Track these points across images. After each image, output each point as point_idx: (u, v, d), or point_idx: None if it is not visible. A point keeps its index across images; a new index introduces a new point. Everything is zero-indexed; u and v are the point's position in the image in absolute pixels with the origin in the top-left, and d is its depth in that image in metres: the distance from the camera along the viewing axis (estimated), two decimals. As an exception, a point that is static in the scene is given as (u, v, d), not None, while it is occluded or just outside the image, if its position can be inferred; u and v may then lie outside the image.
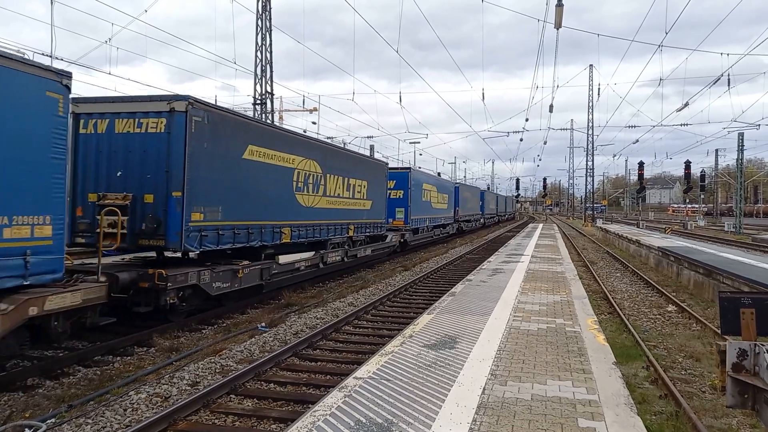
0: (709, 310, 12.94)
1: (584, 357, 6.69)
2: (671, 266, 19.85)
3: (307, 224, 15.47)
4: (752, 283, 12.29)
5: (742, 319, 4.31)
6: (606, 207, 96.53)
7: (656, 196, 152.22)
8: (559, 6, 15.30)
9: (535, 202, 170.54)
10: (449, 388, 5.49)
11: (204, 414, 6.52)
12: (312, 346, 9.64)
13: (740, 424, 6.29)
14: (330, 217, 17.04)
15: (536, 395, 5.30)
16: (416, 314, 11.56)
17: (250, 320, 12.13)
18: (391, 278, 18.85)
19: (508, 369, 6.16)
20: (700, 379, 8.01)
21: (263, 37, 25.19)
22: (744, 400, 4.06)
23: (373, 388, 5.49)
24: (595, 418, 4.71)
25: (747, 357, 4.06)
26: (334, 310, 12.85)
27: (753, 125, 42.58)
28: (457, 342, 7.34)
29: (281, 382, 7.74)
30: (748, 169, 70.08)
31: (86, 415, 6.39)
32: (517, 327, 8.31)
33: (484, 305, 10.07)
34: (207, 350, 9.38)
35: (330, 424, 4.58)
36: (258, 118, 19.66)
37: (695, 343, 9.95)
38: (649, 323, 11.95)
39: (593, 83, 59.25)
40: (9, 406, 6.92)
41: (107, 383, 7.86)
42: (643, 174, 55.14)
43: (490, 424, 4.57)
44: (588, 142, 60.98)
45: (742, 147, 47.94)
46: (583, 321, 8.84)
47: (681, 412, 6.43)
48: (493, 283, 13.13)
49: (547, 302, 10.51)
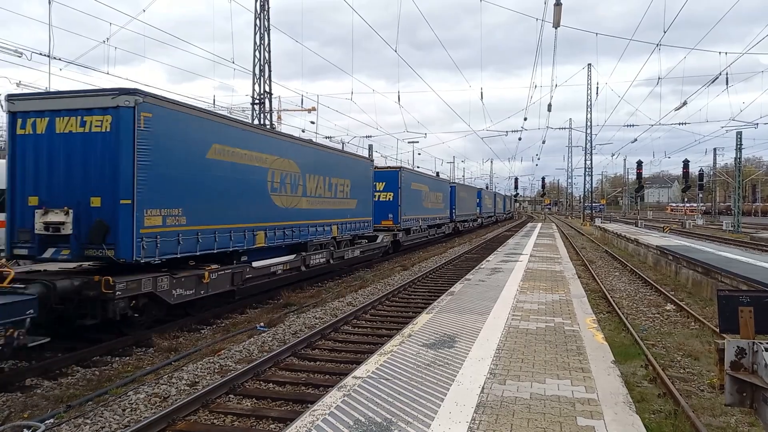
0: (707, 308, 12.96)
1: (583, 356, 6.69)
2: (670, 265, 19.87)
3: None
4: (750, 282, 12.30)
5: (741, 317, 4.31)
6: (604, 206, 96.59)
7: (655, 195, 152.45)
8: (557, 5, 15.31)
9: (534, 202, 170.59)
10: (448, 387, 5.49)
11: (203, 414, 6.51)
12: (311, 346, 9.63)
13: (739, 423, 6.29)
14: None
15: (535, 394, 5.30)
16: (415, 314, 11.55)
17: (248, 320, 12.13)
18: (389, 278, 18.85)
19: (507, 368, 6.16)
20: (698, 378, 8.02)
21: (262, 37, 25.17)
22: (742, 398, 4.06)
23: (373, 387, 5.49)
24: (593, 417, 4.72)
25: (745, 355, 4.06)
26: (333, 310, 12.84)
27: (751, 124, 42.70)
28: (456, 341, 7.35)
29: (280, 382, 7.73)
30: (746, 168, 70.16)
31: (85, 416, 6.38)
32: (516, 326, 8.32)
33: (483, 304, 10.07)
34: (206, 350, 9.38)
35: (329, 423, 4.58)
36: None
37: (694, 342, 9.96)
38: (648, 322, 11.96)
39: (591, 82, 59.32)
40: (8, 406, 6.91)
41: (106, 383, 7.86)
42: (641, 173, 55.12)
43: (489, 423, 4.57)
44: (586, 141, 61.02)
45: (741, 146, 48.05)
46: (581, 320, 8.85)
47: (679, 410, 6.44)
48: (491, 282, 13.14)
49: (546, 301, 10.52)
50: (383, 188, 26.03)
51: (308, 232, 16.12)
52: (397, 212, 26.23)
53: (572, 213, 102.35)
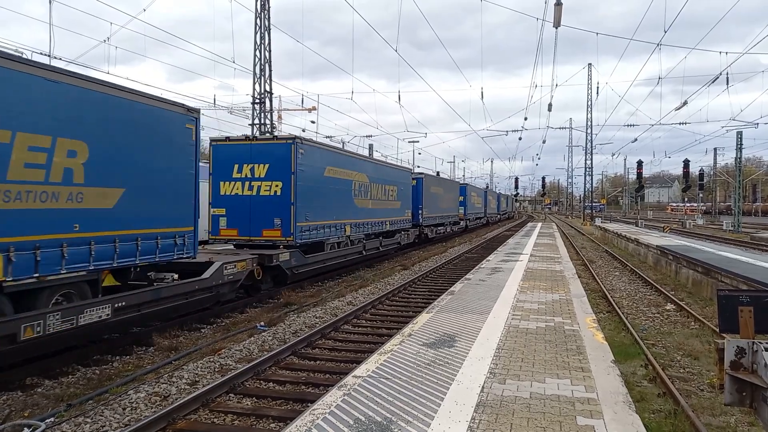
0: (707, 308, 12.96)
1: (583, 355, 6.70)
2: (670, 265, 19.87)
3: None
4: (750, 282, 12.31)
5: (741, 317, 4.32)
6: (605, 206, 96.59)
7: (655, 195, 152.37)
8: (558, 5, 15.31)
9: (534, 201, 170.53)
10: (448, 386, 5.49)
11: (203, 413, 6.52)
12: (311, 345, 9.64)
13: (738, 422, 6.30)
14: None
15: (535, 393, 5.31)
16: (415, 313, 11.56)
17: (249, 319, 12.14)
18: (390, 277, 18.85)
19: (507, 367, 6.17)
20: (698, 377, 8.03)
21: (262, 36, 25.17)
22: (742, 398, 4.06)
23: (373, 386, 5.50)
24: (593, 416, 4.72)
25: (745, 355, 4.07)
26: (333, 309, 12.85)
27: (751, 124, 42.68)
28: (456, 340, 7.35)
29: (280, 381, 7.74)
30: (746, 168, 70.08)
31: (85, 414, 6.39)
32: (516, 325, 8.32)
33: (483, 304, 10.07)
34: (206, 349, 9.39)
35: (329, 422, 4.59)
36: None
37: (694, 342, 9.97)
38: (648, 322, 11.97)
39: (592, 82, 59.31)
40: (8, 405, 6.92)
41: (106, 382, 7.87)
42: (641, 173, 55.16)
43: (489, 422, 4.58)
44: (587, 141, 61.03)
45: (741, 145, 48.03)
46: (581, 319, 8.85)
47: (679, 410, 6.44)
48: (492, 281, 13.14)
49: (546, 301, 10.52)
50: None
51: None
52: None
53: (572, 213, 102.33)
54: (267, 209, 15.30)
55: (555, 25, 15.82)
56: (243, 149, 15.58)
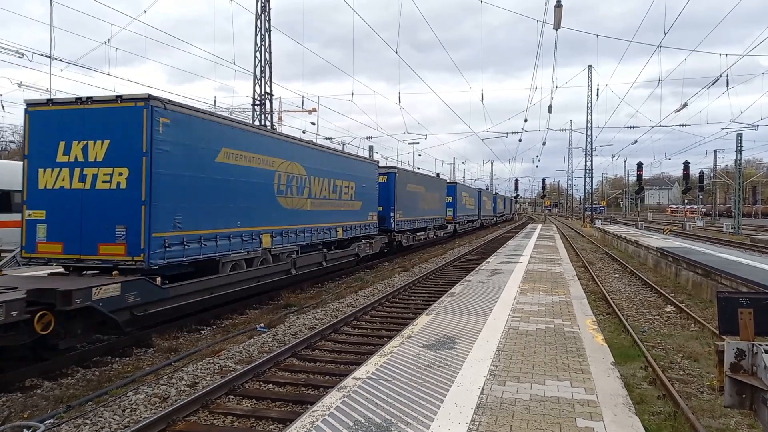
0: (707, 310, 12.96)
1: (583, 357, 6.69)
2: (670, 267, 19.87)
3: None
4: (750, 284, 12.30)
5: (740, 319, 4.31)
6: (605, 207, 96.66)
7: (655, 197, 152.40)
8: (558, 6, 15.33)
9: (534, 203, 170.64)
10: (448, 388, 5.49)
11: (203, 414, 6.52)
12: (311, 347, 9.64)
13: (738, 424, 6.29)
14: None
15: (535, 395, 5.30)
16: (415, 315, 11.56)
17: (248, 321, 12.14)
18: (390, 279, 18.85)
19: (507, 369, 6.16)
20: (698, 380, 8.02)
21: (262, 38, 25.19)
22: (742, 400, 4.06)
23: (372, 388, 5.49)
24: (593, 418, 4.72)
25: (745, 357, 4.06)
26: (333, 311, 12.85)
27: (751, 126, 42.65)
28: (456, 342, 7.35)
29: (280, 383, 7.74)
30: (746, 170, 70.16)
31: (85, 416, 6.39)
32: (516, 327, 8.32)
33: (483, 306, 10.07)
34: (206, 351, 9.38)
35: (329, 424, 4.59)
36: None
37: (693, 344, 9.96)
38: (648, 324, 11.96)
39: (592, 84, 59.40)
40: (7, 406, 6.91)
41: (106, 384, 7.86)
42: (641, 175, 55.18)
43: (489, 424, 4.58)
44: (587, 143, 61.03)
45: (741, 148, 48.07)
46: (581, 321, 8.85)
47: (679, 412, 6.44)
48: (492, 283, 13.14)
49: (546, 303, 10.52)
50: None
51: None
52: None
53: (572, 214, 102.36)
54: (106, 212, 9.83)
55: (555, 27, 15.83)
56: (73, 118, 10.14)
